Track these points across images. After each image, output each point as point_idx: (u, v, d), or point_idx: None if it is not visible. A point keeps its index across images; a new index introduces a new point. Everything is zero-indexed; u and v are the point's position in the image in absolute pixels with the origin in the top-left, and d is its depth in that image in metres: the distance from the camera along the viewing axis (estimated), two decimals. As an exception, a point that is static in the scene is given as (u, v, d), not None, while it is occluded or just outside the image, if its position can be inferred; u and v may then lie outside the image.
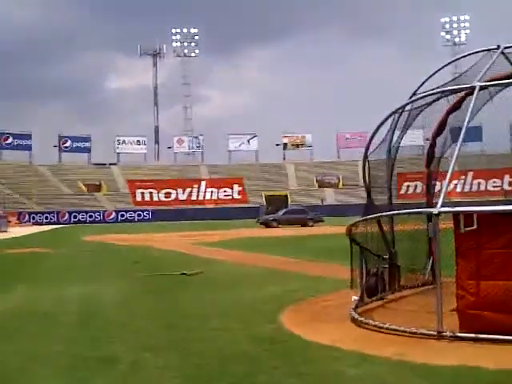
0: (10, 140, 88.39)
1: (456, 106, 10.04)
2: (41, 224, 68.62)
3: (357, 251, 8.99)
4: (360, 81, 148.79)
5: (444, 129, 10.70)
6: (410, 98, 9.51)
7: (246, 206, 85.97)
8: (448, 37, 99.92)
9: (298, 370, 6.03)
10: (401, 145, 10.36)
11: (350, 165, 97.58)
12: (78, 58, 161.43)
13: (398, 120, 9.33)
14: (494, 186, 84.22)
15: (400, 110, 9.01)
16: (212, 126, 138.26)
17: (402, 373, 5.76)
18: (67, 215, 76.13)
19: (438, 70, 9.60)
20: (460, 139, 7.69)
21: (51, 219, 73.93)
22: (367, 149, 9.10)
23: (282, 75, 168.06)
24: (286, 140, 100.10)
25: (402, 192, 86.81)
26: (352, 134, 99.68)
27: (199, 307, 9.96)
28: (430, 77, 9.48)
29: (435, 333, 7.02)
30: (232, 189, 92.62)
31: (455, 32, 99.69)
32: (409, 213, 8.97)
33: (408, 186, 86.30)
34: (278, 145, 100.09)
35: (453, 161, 7.41)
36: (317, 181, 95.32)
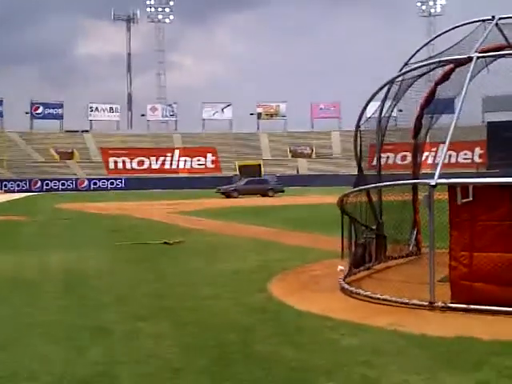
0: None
1: (445, 77, 10.04)
2: (13, 192, 67.71)
3: (346, 222, 8.99)
4: (334, 50, 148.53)
5: (432, 100, 10.71)
6: (402, 68, 9.47)
7: (220, 175, 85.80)
8: (424, 7, 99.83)
9: (293, 339, 6.04)
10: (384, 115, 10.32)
11: (323, 135, 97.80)
12: (48, 22, 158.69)
13: (389, 90, 9.28)
14: (464, 159, 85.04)
15: (397, 81, 8.94)
16: (186, 94, 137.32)
17: (399, 343, 5.79)
18: (39, 183, 75.18)
19: (432, 39, 9.60)
20: (457, 110, 7.68)
21: (23, 187, 73.00)
22: (359, 119, 9.05)
23: (257, 43, 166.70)
24: (260, 109, 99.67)
25: (374, 163, 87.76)
26: (326, 105, 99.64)
27: (186, 276, 9.93)
28: (423, 47, 9.46)
29: (427, 303, 7.08)
30: (205, 158, 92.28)
31: (431, 3, 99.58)
32: (404, 184, 9.01)
33: (379, 158, 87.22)
34: (252, 114, 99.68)
35: (450, 132, 7.40)
36: (290, 151, 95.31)
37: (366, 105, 8.77)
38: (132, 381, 5.00)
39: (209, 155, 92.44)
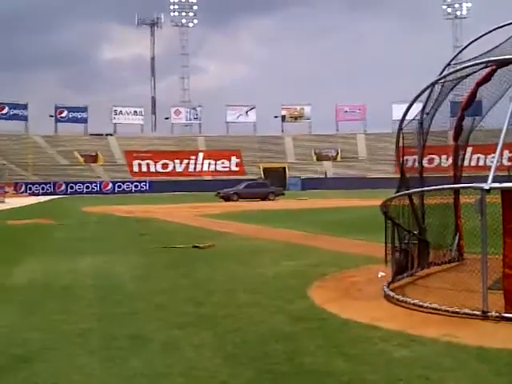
0: (5, 110, 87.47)
1: (486, 78, 9.68)
2: (37, 195, 68.19)
3: (389, 227, 8.65)
4: (359, 53, 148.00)
5: (473, 101, 10.34)
6: (444, 69, 9.13)
7: (244, 178, 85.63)
8: (449, 10, 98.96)
9: (343, 351, 5.72)
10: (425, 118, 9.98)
11: (348, 138, 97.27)
12: (74, 27, 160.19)
13: (431, 92, 8.94)
14: (492, 162, 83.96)
15: (440, 82, 8.60)
16: (209, 98, 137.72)
17: (458, 355, 5.45)
18: (64, 186, 75.61)
19: (474, 40, 9.20)
20: (509, 112, 7.31)
21: (47, 190, 73.47)
22: (402, 121, 8.71)
23: (281, 46, 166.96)
24: (284, 112, 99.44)
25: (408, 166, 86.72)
26: (351, 107, 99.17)
27: (222, 282, 9.65)
28: (465, 48, 9.09)
29: (479, 312, 6.73)
30: (230, 161, 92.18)
31: (456, 5, 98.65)
32: (454, 188, 8.66)
33: (407, 160, 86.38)
34: (276, 117, 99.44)
35: (502, 134, 7.05)
36: (315, 153, 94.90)
37: (409, 106, 8.43)
38: (177, 395, 4.73)
39: (233, 158, 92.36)
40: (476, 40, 9.28)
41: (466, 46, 9.19)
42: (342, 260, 11.61)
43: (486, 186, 6.64)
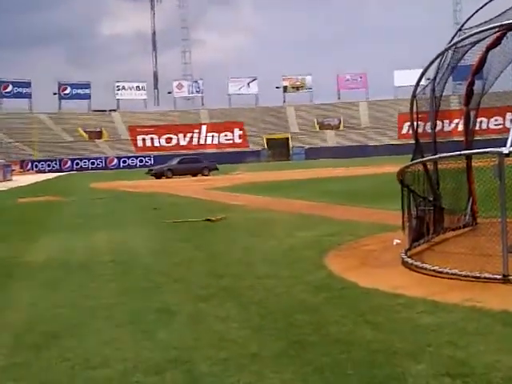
0: (9, 88, 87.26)
1: (496, 43, 9.61)
2: (43, 172, 68.39)
3: (405, 194, 8.66)
4: (359, 19, 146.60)
5: (483, 66, 10.28)
6: (456, 33, 9.06)
7: (248, 150, 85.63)
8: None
9: (368, 319, 5.76)
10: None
11: (350, 106, 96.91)
12: (74, 3, 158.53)
13: (444, 57, 8.88)
14: (495, 125, 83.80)
15: (453, 47, 8.54)
16: (211, 70, 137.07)
17: (483, 320, 5.49)
18: (69, 162, 75.80)
19: (486, 4, 9.09)
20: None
21: (53, 167, 73.69)
22: (416, 87, 8.66)
23: (281, 14, 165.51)
24: (285, 83, 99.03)
25: (404, 132, 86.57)
26: (352, 75, 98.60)
27: (238, 254, 9.69)
28: (477, 11, 8.99)
29: (500, 276, 6.77)
30: (233, 133, 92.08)
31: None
32: (472, 153, 8.62)
33: (409, 126, 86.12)
34: (277, 87, 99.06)
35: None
36: (317, 123, 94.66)
37: (423, 73, 8.38)
38: (209, 367, 4.75)
39: (236, 130, 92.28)
40: (488, 3, 9.18)
41: (479, 10, 9.08)
42: (356, 229, 11.63)
43: (506, 150, 6.62)
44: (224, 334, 5.52)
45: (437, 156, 8.57)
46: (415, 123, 8.88)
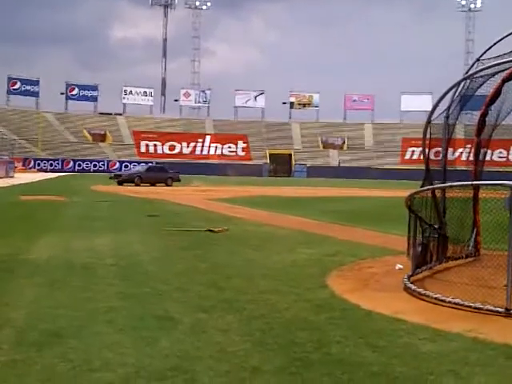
0: (17, 85, 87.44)
1: (512, 75, 9.67)
2: (45, 171, 68.41)
3: (411, 220, 8.69)
4: (370, 43, 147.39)
5: (498, 98, 10.34)
6: (473, 64, 9.12)
7: (250, 163, 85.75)
8: (463, 2, 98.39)
9: (370, 342, 5.76)
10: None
11: (355, 127, 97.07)
12: (86, 4, 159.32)
13: (461, 87, 8.94)
14: (499, 157, 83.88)
15: (471, 77, 8.59)
16: (218, 81, 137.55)
17: (485, 351, 5.50)
18: (71, 163, 75.80)
19: (507, 35, 9.14)
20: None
21: (55, 166, 73.69)
22: (431, 114, 8.69)
23: (292, 32, 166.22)
24: (292, 99, 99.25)
25: (407, 157, 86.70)
26: (360, 96, 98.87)
27: (239, 267, 9.69)
28: (497, 43, 9.05)
29: (503, 310, 6.77)
30: (236, 145, 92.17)
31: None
32: (485, 184, 8.64)
33: (413, 151, 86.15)
34: (284, 103, 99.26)
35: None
36: (322, 141, 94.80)
37: (440, 100, 8.42)
38: (209, 378, 4.76)
39: (240, 142, 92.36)
40: (509, 35, 9.24)
41: (498, 41, 9.14)
42: (358, 250, 11.65)
43: (518, 184, 6.65)
44: (225, 346, 5.52)
45: (447, 184, 8.61)
46: (427, 150, 8.89)
